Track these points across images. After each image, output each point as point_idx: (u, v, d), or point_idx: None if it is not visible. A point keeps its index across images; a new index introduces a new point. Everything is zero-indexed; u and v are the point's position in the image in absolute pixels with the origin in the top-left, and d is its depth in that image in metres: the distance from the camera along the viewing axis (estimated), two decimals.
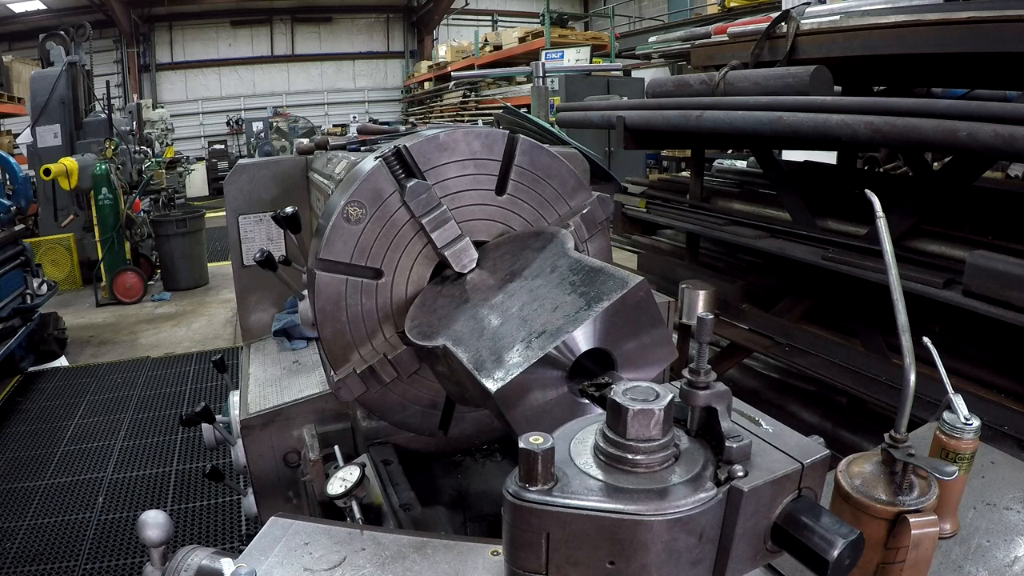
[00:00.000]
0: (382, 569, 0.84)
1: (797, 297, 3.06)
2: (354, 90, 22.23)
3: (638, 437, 0.59)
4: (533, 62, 6.10)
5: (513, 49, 13.86)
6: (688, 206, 3.47)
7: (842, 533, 0.57)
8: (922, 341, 0.94)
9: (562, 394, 0.83)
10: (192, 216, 7.93)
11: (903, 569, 0.85)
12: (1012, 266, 1.92)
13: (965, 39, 2.20)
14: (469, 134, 1.15)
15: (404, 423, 1.21)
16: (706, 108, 2.78)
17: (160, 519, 0.75)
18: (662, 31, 10.74)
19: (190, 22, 19.76)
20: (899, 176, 3.59)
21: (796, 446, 0.63)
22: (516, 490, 0.57)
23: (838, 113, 2.21)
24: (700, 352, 0.61)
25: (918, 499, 0.86)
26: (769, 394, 3.21)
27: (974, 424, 0.98)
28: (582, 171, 1.63)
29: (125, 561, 3.10)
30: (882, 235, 0.82)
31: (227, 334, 6.32)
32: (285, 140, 15.62)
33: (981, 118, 1.84)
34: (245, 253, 2.07)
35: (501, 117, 2.29)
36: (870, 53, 2.56)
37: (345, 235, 1.09)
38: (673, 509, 0.55)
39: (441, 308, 1.06)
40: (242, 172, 2.07)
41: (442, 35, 22.04)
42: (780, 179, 3.09)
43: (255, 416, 1.58)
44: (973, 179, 2.44)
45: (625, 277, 0.85)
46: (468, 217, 1.16)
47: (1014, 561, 0.97)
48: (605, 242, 1.29)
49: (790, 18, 2.94)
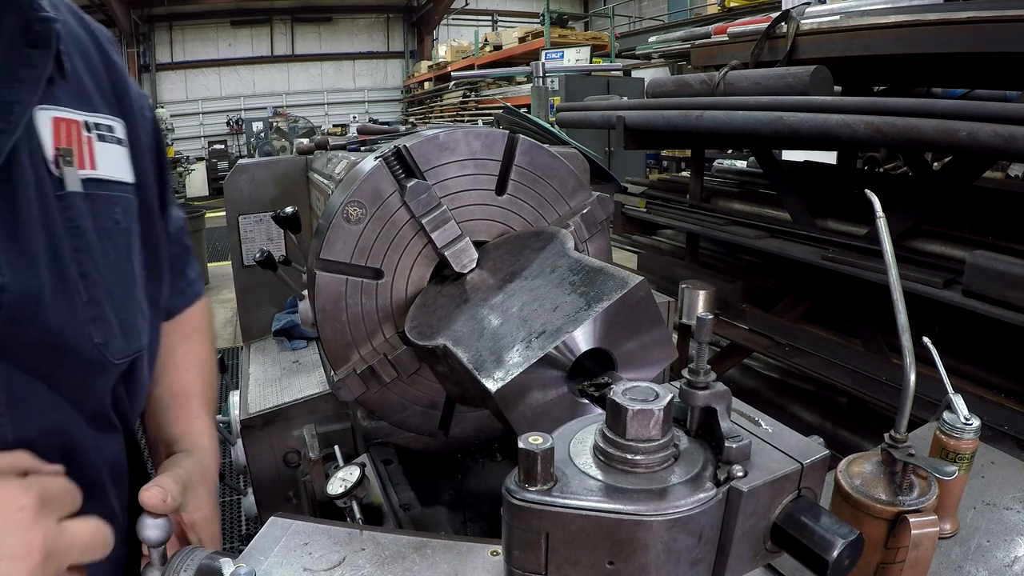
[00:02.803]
0: (381, 569, 0.84)
1: (797, 297, 3.06)
2: (354, 90, 22.24)
3: (637, 437, 0.59)
4: (533, 62, 6.09)
5: (513, 49, 13.87)
6: (688, 206, 3.47)
7: (842, 533, 0.57)
8: (922, 341, 0.93)
9: (562, 394, 0.83)
10: (192, 216, 7.92)
11: (903, 569, 0.85)
12: (1012, 266, 1.92)
13: (965, 39, 2.21)
14: (469, 134, 1.15)
15: (404, 423, 1.21)
16: (706, 108, 2.78)
17: (160, 519, 0.75)
18: (662, 31, 10.74)
19: (190, 22, 19.76)
20: (899, 176, 3.59)
21: (796, 446, 0.63)
22: (515, 490, 0.57)
23: (838, 113, 2.21)
24: (700, 352, 0.61)
25: (918, 499, 0.86)
26: (769, 394, 3.21)
27: (974, 424, 0.98)
28: (582, 171, 1.63)
29: None
30: (882, 235, 0.82)
31: (227, 334, 6.32)
32: (285, 140, 15.63)
33: (981, 118, 1.84)
34: (245, 253, 2.07)
35: (501, 117, 2.29)
36: (870, 53, 2.56)
37: (345, 235, 1.09)
38: (672, 509, 0.55)
39: (441, 308, 1.06)
40: (242, 172, 2.07)
41: (442, 35, 22.05)
42: (780, 179, 3.09)
43: (255, 416, 1.58)
44: (973, 179, 2.44)
45: (625, 277, 0.85)
46: (468, 217, 1.16)
47: (1014, 561, 0.97)
48: (605, 242, 1.29)
49: (790, 18, 2.94)
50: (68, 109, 0.80)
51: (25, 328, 0.70)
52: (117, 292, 0.82)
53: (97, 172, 0.82)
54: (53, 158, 0.76)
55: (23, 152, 0.72)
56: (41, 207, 0.73)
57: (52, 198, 0.75)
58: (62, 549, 0.61)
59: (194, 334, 1.13)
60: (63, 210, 0.76)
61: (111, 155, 0.85)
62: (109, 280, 0.81)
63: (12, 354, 0.70)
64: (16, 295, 0.68)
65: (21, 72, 0.73)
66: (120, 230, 0.85)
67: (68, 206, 0.77)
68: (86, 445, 0.81)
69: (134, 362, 0.88)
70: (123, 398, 0.89)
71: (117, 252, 0.84)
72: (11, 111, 0.71)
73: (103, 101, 0.87)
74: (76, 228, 0.77)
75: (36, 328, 0.71)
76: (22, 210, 0.71)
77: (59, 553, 0.61)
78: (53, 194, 0.75)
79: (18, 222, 0.70)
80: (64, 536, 0.62)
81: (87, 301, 0.77)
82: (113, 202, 0.84)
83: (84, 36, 0.89)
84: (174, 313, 1.10)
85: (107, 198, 0.83)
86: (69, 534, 0.63)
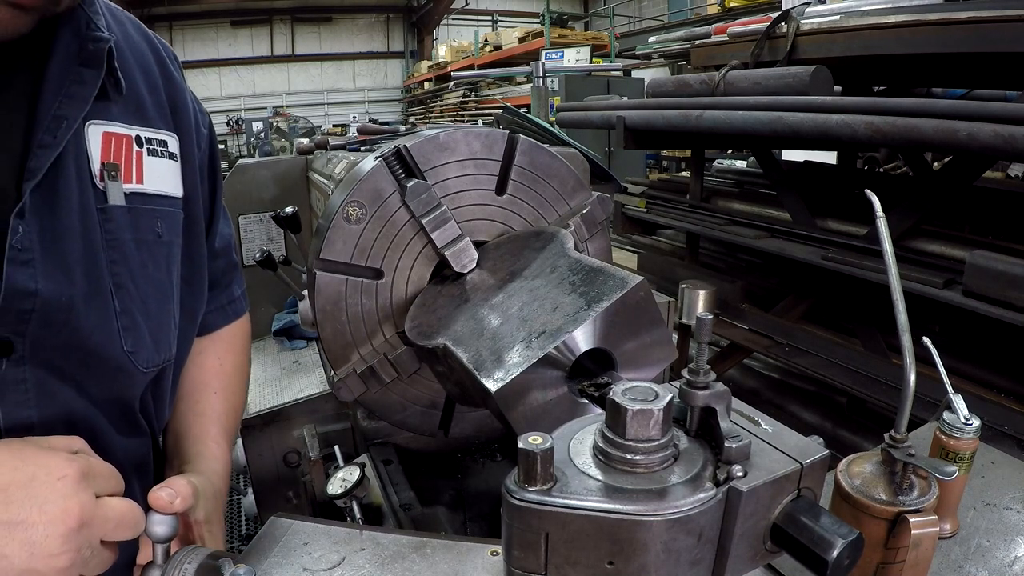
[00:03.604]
0: (381, 569, 0.84)
1: (797, 297, 3.06)
2: (354, 90, 22.24)
3: (637, 437, 0.59)
4: (533, 62, 6.08)
5: (513, 49, 13.86)
6: (688, 206, 3.47)
7: (841, 533, 0.57)
8: (922, 341, 0.93)
9: (562, 394, 0.83)
10: None
11: (903, 569, 0.85)
12: (1012, 266, 1.92)
13: (965, 39, 2.21)
14: (469, 134, 1.15)
15: (404, 423, 1.21)
16: (706, 108, 2.78)
17: (167, 516, 0.75)
18: (662, 31, 10.75)
19: (190, 22, 19.76)
20: (899, 176, 3.59)
21: (795, 446, 0.63)
22: (515, 490, 0.57)
23: (838, 113, 2.21)
24: (699, 352, 0.61)
25: (918, 499, 0.86)
26: (769, 394, 3.21)
27: (974, 424, 0.98)
28: (582, 171, 1.63)
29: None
30: (882, 235, 0.82)
31: None
32: (285, 140, 15.64)
33: (981, 118, 1.84)
34: (245, 253, 2.08)
35: (501, 117, 2.29)
36: (870, 53, 2.56)
37: (345, 235, 1.09)
38: (672, 509, 0.55)
39: (441, 308, 1.06)
40: (242, 172, 2.07)
41: (442, 35, 22.04)
42: (780, 179, 3.09)
43: (255, 416, 1.58)
44: (973, 179, 2.44)
45: (625, 277, 0.85)
46: (468, 217, 1.16)
47: (1014, 561, 0.97)
48: (605, 242, 1.29)
49: (790, 18, 2.94)
50: (121, 124, 0.84)
51: (57, 331, 0.74)
52: (152, 303, 0.86)
53: (143, 186, 0.86)
54: (99, 172, 0.80)
55: (70, 165, 0.76)
56: (82, 218, 0.77)
57: (94, 210, 0.79)
58: (97, 521, 0.65)
59: (228, 355, 1.14)
60: (104, 222, 0.80)
61: (161, 169, 0.89)
62: (145, 291, 0.85)
63: (44, 354, 0.74)
64: (48, 300, 0.72)
65: (72, 89, 0.76)
66: (161, 243, 0.89)
67: (109, 219, 0.80)
68: (114, 445, 0.84)
69: (163, 371, 0.92)
70: (150, 404, 0.93)
71: (155, 264, 0.88)
72: (59, 127, 0.74)
73: (159, 115, 0.91)
74: (114, 240, 0.81)
75: (67, 332, 0.75)
76: (63, 220, 0.75)
77: (94, 524, 0.65)
78: (95, 207, 0.79)
79: (58, 231, 0.74)
80: (100, 509, 0.66)
81: (120, 310, 0.81)
82: (157, 216, 0.88)
83: (147, 51, 0.94)
84: (213, 328, 1.12)
85: (151, 212, 0.87)
86: (105, 507, 0.66)
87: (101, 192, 0.80)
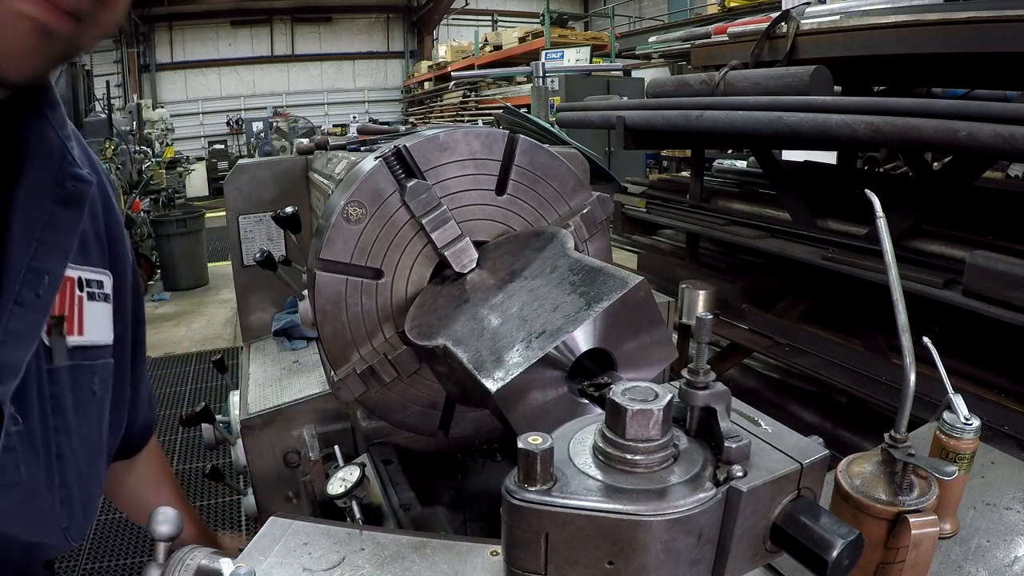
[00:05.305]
0: (381, 569, 0.84)
1: (797, 297, 3.06)
2: (354, 90, 22.24)
3: (637, 437, 0.59)
4: (533, 62, 6.09)
5: (513, 49, 13.86)
6: (688, 206, 3.47)
7: (841, 533, 0.57)
8: (922, 341, 0.93)
9: (562, 394, 0.83)
10: (192, 216, 7.92)
11: (903, 569, 0.85)
12: (1012, 266, 1.92)
13: (965, 39, 2.20)
14: (469, 134, 1.15)
15: (404, 423, 1.21)
16: (706, 108, 2.78)
17: (171, 515, 0.75)
18: (662, 31, 10.74)
19: (190, 22, 19.76)
20: (899, 176, 3.59)
21: (795, 446, 0.63)
22: (515, 490, 0.57)
23: (838, 113, 2.20)
24: (699, 352, 0.61)
25: (918, 499, 0.86)
26: (769, 394, 3.21)
27: (974, 424, 0.98)
28: (582, 171, 1.63)
29: (125, 561, 3.10)
30: (882, 235, 0.82)
31: (227, 334, 6.32)
32: (285, 140, 15.62)
33: (981, 118, 1.84)
34: (245, 253, 2.07)
35: (501, 117, 2.28)
36: (870, 53, 2.56)
37: (345, 235, 1.09)
38: (672, 509, 0.55)
39: (441, 308, 1.06)
40: (242, 172, 2.07)
41: (442, 35, 22.04)
42: (780, 179, 3.09)
43: (255, 416, 1.58)
44: (973, 179, 2.44)
45: (625, 277, 0.85)
46: (468, 217, 1.16)
47: (1014, 561, 0.97)
48: (605, 242, 1.29)
49: (790, 18, 2.94)
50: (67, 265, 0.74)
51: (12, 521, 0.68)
52: (84, 467, 0.79)
53: (83, 339, 0.78)
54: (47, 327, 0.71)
55: None
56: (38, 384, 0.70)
57: (45, 372, 0.71)
58: None
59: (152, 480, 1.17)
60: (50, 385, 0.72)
61: (98, 315, 0.81)
62: (79, 456, 0.77)
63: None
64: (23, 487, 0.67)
65: (48, 235, 0.65)
66: (95, 401, 0.81)
67: (54, 381, 0.73)
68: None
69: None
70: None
71: (90, 424, 0.81)
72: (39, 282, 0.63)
73: (98, 251, 0.83)
74: (59, 406, 0.73)
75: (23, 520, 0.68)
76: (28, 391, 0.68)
77: None
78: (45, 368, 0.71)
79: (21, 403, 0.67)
80: None
81: (59, 484, 0.74)
82: (94, 371, 0.81)
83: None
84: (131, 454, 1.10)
85: (89, 368, 0.79)
86: None
87: (47, 349, 0.71)
